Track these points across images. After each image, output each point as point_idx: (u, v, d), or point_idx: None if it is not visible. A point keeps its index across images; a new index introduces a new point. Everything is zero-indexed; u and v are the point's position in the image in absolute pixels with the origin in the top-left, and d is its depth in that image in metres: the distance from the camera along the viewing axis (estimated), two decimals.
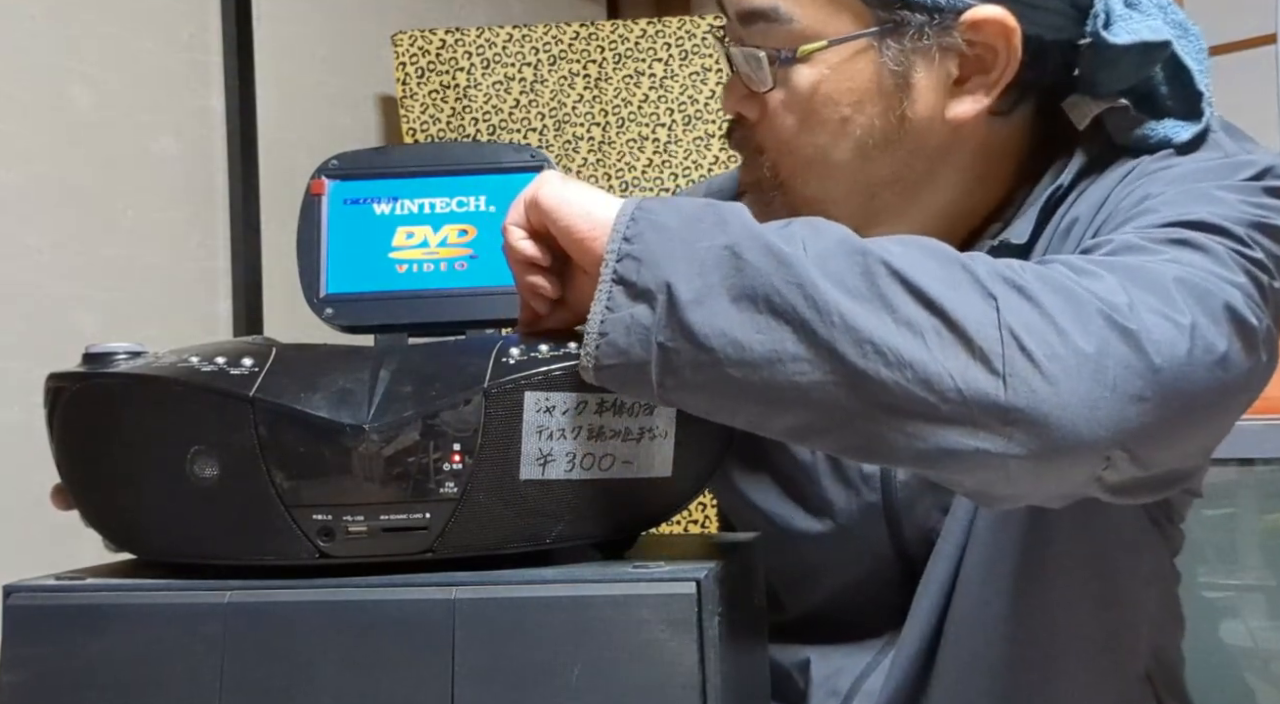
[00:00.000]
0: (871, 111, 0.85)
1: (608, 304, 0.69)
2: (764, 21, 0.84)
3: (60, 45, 1.87)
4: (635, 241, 0.69)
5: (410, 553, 0.73)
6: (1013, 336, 0.66)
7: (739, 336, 0.67)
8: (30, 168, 1.82)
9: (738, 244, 0.68)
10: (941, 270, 0.69)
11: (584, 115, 2.31)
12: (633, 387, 0.70)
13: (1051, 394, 0.66)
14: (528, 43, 2.32)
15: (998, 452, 0.67)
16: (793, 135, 0.87)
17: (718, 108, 2.28)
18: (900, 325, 0.66)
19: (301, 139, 2.23)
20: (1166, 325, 0.68)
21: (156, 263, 1.99)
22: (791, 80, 0.85)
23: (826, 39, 0.84)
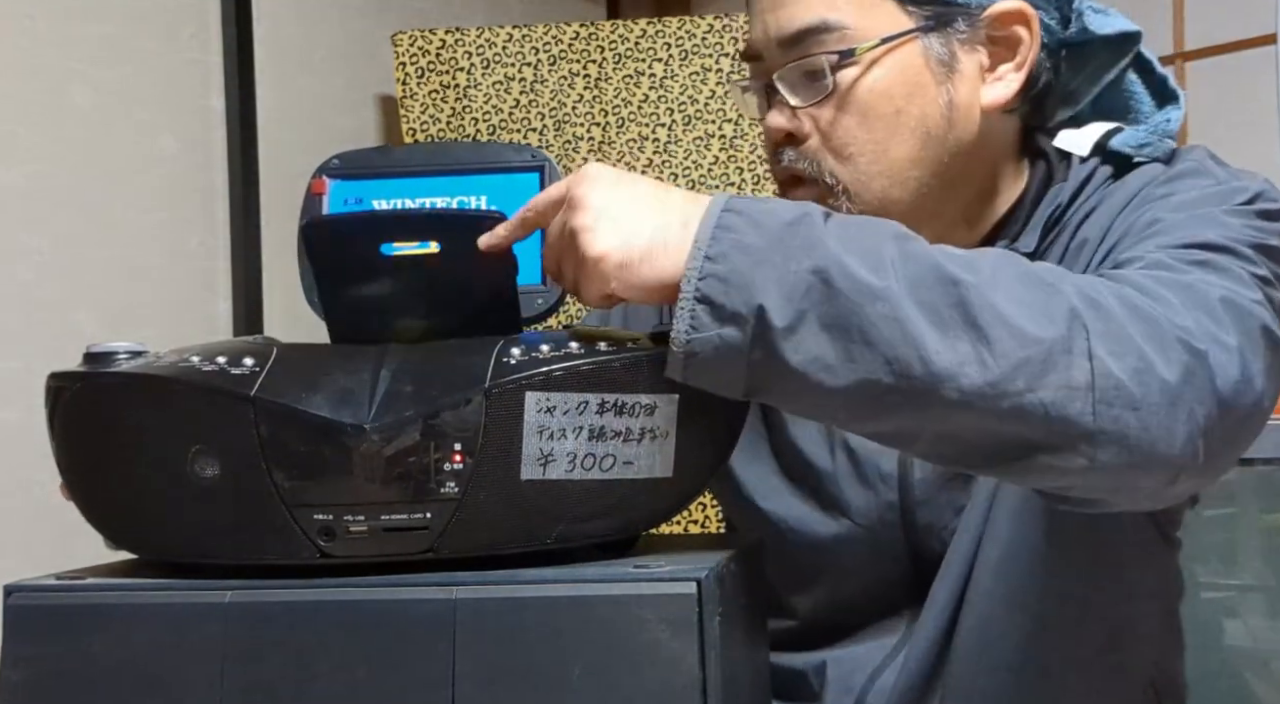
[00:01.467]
0: (922, 102, 0.91)
1: (692, 323, 0.70)
2: (814, 36, 0.89)
3: (60, 45, 1.87)
4: (720, 261, 0.70)
5: (411, 553, 0.73)
6: (1103, 366, 0.69)
7: (831, 362, 0.70)
8: (30, 168, 1.82)
9: (827, 270, 0.69)
10: (1031, 294, 0.71)
11: (584, 115, 2.31)
12: (720, 390, 0.73)
13: (1135, 420, 0.70)
14: (528, 43, 2.32)
15: (1079, 468, 0.71)
16: (853, 136, 0.90)
17: (718, 108, 2.28)
18: (995, 359, 0.69)
19: (301, 139, 2.23)
20: (1220, 350, 0.72)
21: (156, 263, 1.99)
22: (849, 82, 0.90)
23: (879, 39, 0.89)
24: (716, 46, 2.30)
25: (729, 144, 2.28)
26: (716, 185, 2.27)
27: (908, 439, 0.74)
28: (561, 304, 0.87)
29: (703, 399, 0.76)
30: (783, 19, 0.91)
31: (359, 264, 0.78)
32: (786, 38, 0.91)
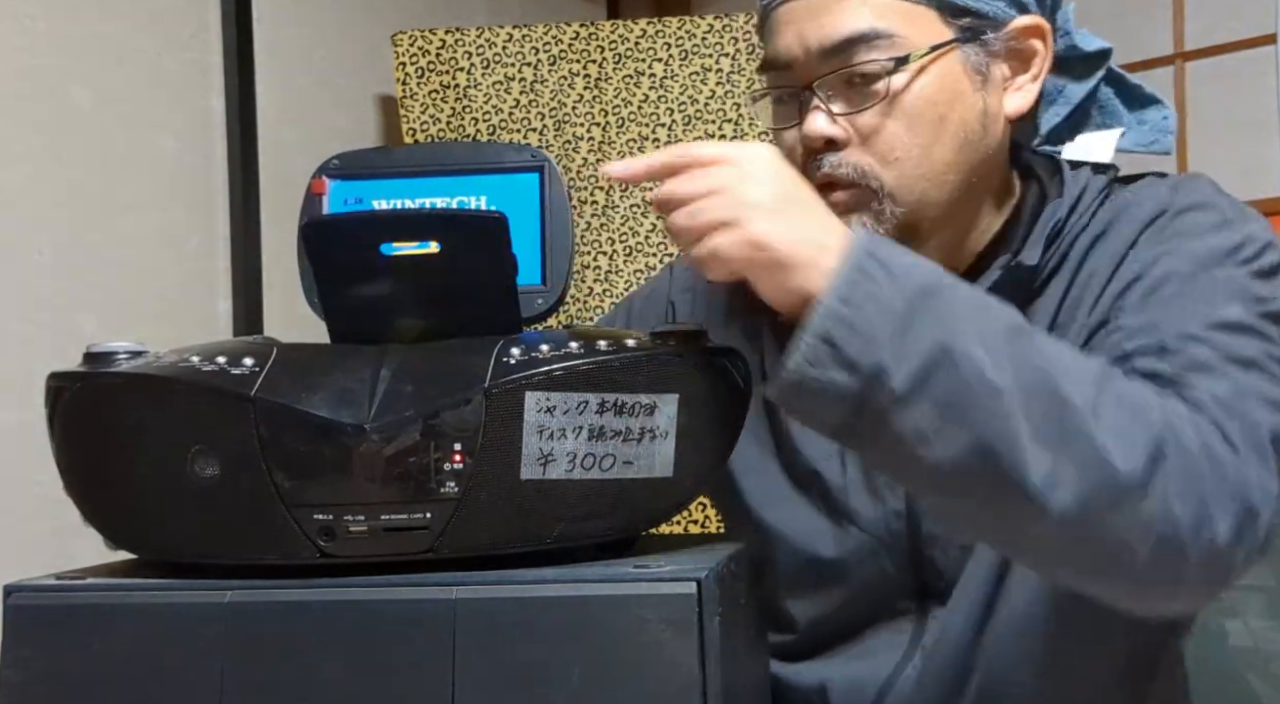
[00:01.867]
0: (962, 108, 0.94)
1: (808, 357, 0.74)
2: (863, 43, 0.91)
3: (60, 45, 1.87)
4: (852, 307, 0.74)
5: (411, 553, 0.73)
6: (1168, 510, 0.75)
7: (930, 437, 0.74)
8: (30, 168, 1.82)
9: (953, 351, 0.74)
10: (1125, 421, 0.75)
11: (584, 115, 2.31)
12: (807, 422, 0.78)
13: (1184, 567, 0.76)
14: (528, 43, 2.32)
15: (1121, 591, 0.79)
16: (900, 141, 0.93)
17: (718, 108, 2.28)
18: (1079, 484, 0.74)
19: (301, 139, 2.23)
20: (1271, 502, 0.78)
21: (156, 263, 1.99)
22: (898, 89, 0.92)
23: (928, 47, 0.92)
24: (716, 46, 2.30)
25: None
26: None
27: (972, 524, 0.81)
28: (561, 304, 0.87)
29: (702, 399, 0.76)
30: (827, 27, 0.92)
31: (359, 264, 0.78)
32: (832, 45, 0.92)
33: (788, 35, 0.94)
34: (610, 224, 2.29)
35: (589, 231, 2.28)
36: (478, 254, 0.78)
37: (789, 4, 0.94)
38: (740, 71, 2.29)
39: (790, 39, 0.94)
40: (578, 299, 2.28)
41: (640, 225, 2.28)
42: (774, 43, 0.95)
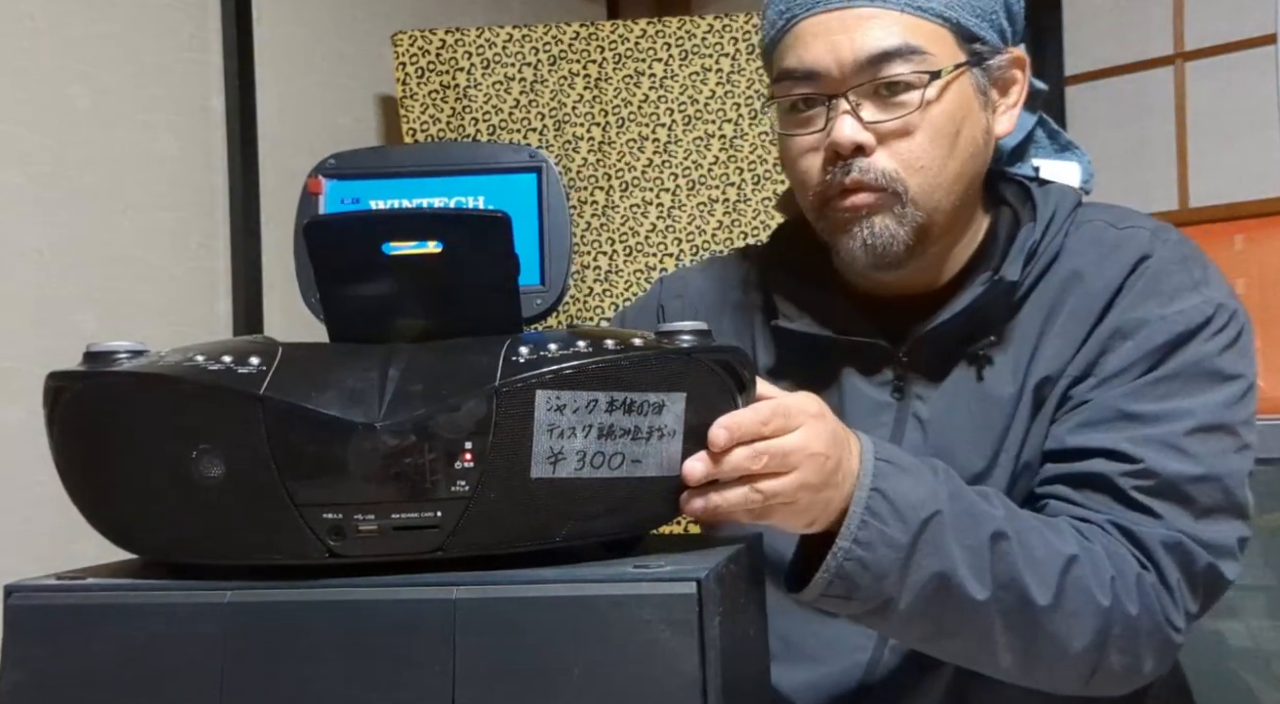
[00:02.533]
0: (971, 125, 1.01)
1: (826, 590, 0.87)
2: (898, 58, 0.97)
3: (60, 45, 1.87)
4: (865, 548, 0.86)
5: (421, 552, 0.73)
6: (1108, 665, 0.93)
7: (926, 638, 0.92)
8: (30, 168, 1.82)
9: (947, 580, 0.88)
10: (1080, 604, 0.91)
11: (584, 115, 2.31)
12: (827, 610, 0.92)
13: (1113, 687, 0.96)
14: (528, 43, 2.32)
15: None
16: (925, 150, 0.99)
17: (718, 107, 2.28)
18: (1038, 666, 0.93)
19: (301, 139, 2.23)
20: (1188, 619, 0.96)
21: (156, 263, 1.99)
22: (929, 100, 0.99)
23: (952, 65, 0.99)
24: (716, 46, 2.30)
25: (729, 144, 2.28)
26: (716, 185, 2.27)
27: None
28: (560, 304, 0.87)
29: (709, 398, 0.76)
30: (862, 40, 0.98)
31: (360, 263, 0.78)
32: (867, 58, 0.97)
33: (817, 47, 0.99)
34: (610, 224, 2.28)
35: (589, 231, 2.28)
36: (480, 254, 0.78)
37: (819, 16, 0.99)
38: (740, 71, 2.29)
39: (820, 50, 0.99)
40: (578, 299, 2.28)
41: (640, 225, 2.28)
42: (799, 53, 1.00)
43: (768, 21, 1.05)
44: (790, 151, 1.03)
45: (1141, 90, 2.49)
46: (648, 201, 2.28)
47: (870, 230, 0.99)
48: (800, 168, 1.02)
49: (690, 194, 2.28)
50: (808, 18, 1.00)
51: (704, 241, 2.27)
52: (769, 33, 1.04)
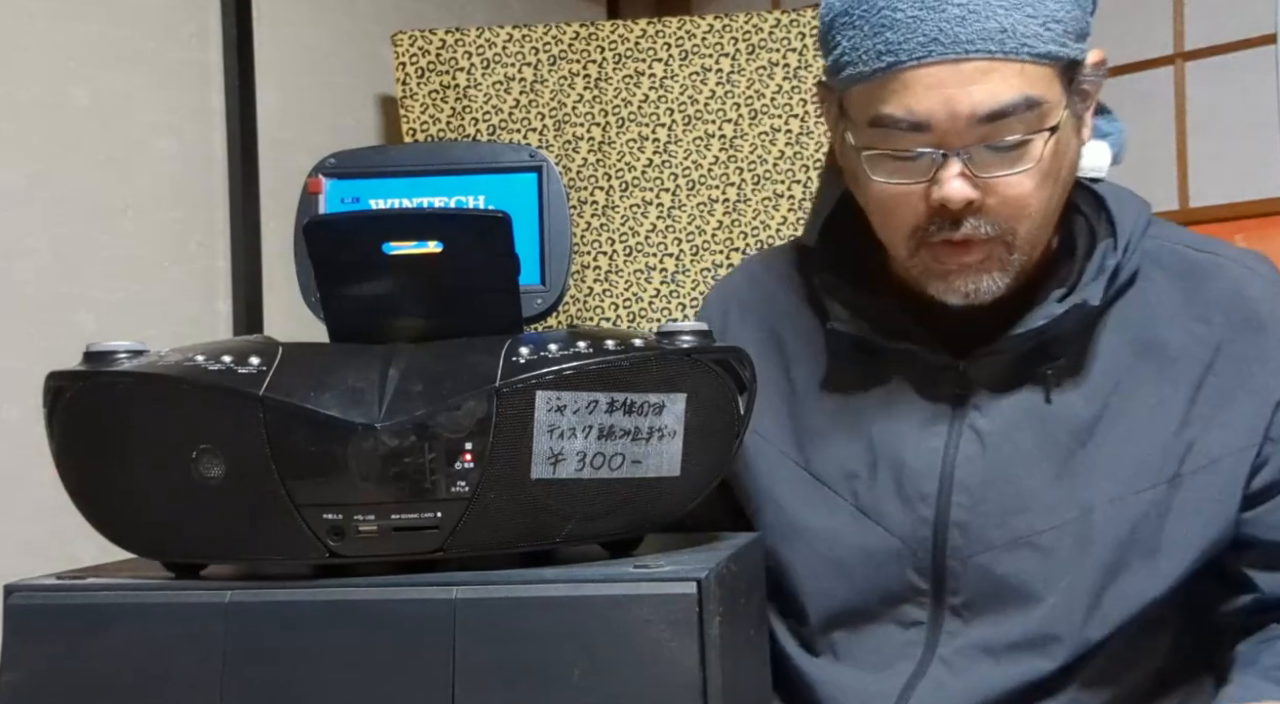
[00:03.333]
0: (1071, 154, 0.97)
1: None
2: (1018, 113, 0.91)
3: (60, 45, 1.87)
4: None
5: (421, 552, 0.73)
6: None
7: None
8: (30, 168, 1.82)
9: None
10: None
11: (584, 115, 2.31)
12: None
13: None
14: (528, 43, 2.32)
15: None
16: (1035, 196, 0.95)
17: (718, 107, 2.28)
18: None
19: (301, 139, 2.23)
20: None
21: (156, 263, 1.99)
22: (1043, 149, 0.93)
23: (1062, 109, 0.93)
24: (716, 46, 2.30)
25: (729, 144, 2.28)
26: (716, 185, 2.27)
27: None
28: (560, 304, 0.87)
29: (709, 398, 0.76)
30: (981, 95, 0.91)
31: (361, 263, 0.78)
32: (986, 114, 0.91)
33: (929, 99, 0.91)
34: (610, 224, 2.28)
35: (589, 232, 2.28)
36: (480, 253, 0.78)
37: (933, 68, 0.91)
38: (740, 71, 2.29)
39: (933, 103, 0.91)
40: (578, 299, 2.28)
41: (640, 225, 2.28)
42: (907, 103, 0.92)
43: (852, 47, 0.95)
44: (881, 194, 0.97)
45: (1141, 90, 2.49)
46: (648, 201, 2.28)
47: (975, 284, 0.96)
48: (894, 213, 0.97)
49: (690, 194, 2.28)
50: (917, 68, 0.92)
51: (704, 241, 2.27)
52: (855, 64, 0.95)
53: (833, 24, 0.96)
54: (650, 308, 2.27)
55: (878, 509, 1.01)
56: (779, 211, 2.26)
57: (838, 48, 0.96)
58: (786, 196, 2.25)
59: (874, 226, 1.01)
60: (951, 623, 1.00)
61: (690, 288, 2.26)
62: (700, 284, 2.26)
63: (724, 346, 0.78)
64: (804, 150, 2.25)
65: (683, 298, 2.26)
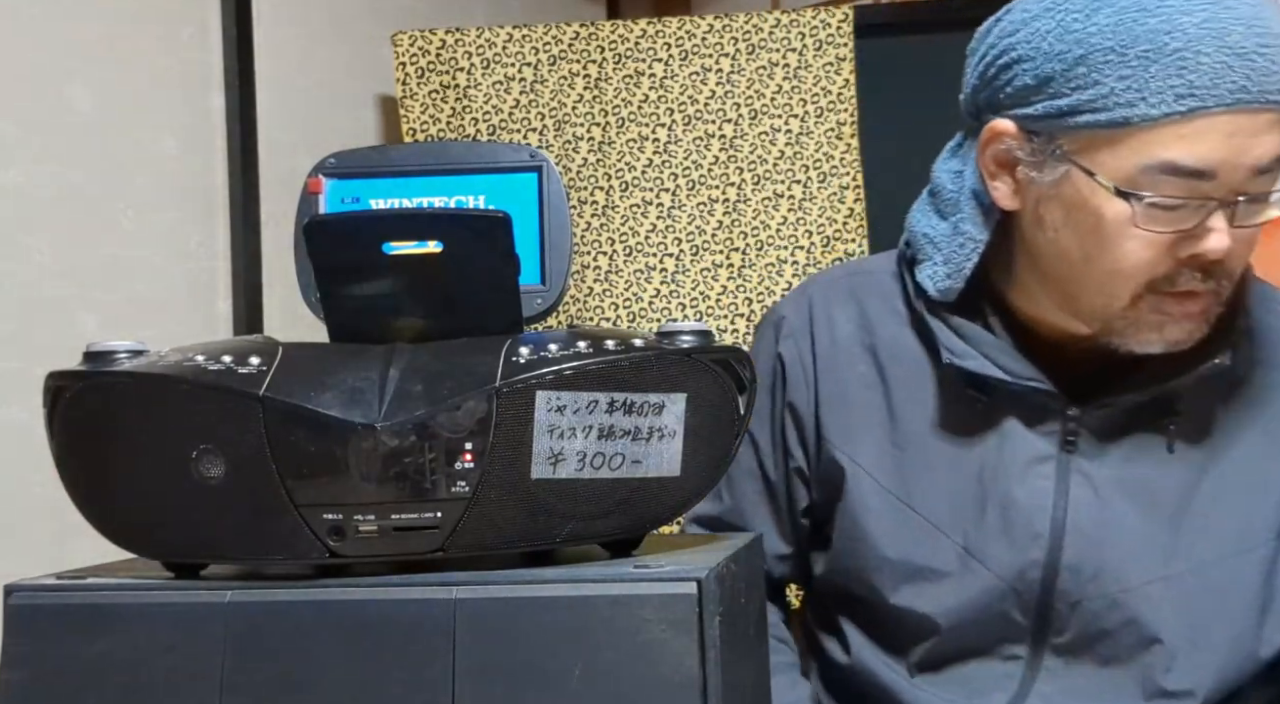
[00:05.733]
0: None
1: None
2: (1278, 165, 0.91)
3: (60, 45, 1.87)
4: None
5: (421, 552, 0.73)
6: None
7: None
8: (30, 168, 1.82)
9: None
10: None
11: (584, 115, 2.31)
12: None
13: None
14: (528, 43, 2.32)
15: None
16: (1248, 251, 0.95)
17: (718, 107, 2.28)
18: None
19: (301, 139, 2.23)
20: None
21: (156, 263, 1.99)
22: None
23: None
24: (716, 46, 2.30)
25: (729, 144, 2.28)
26: (716, 185, 2.27)
27: None
28: (559, 304, 0.87)
29: (709, 398, 0.76)
30: (1269, 147, 0.90)
31: (361, 263, 0.78)
32: (1267, 164, 0.90)
33: (1225, 148, 0.89)
34: (610, 224, 2.28)
35: (589, 232, 2.28)
36: (480, 253, 0.78)
37: (1234, 115, 0.88)
38: (740, 71, 2.29)
39: (1228, 152, 0.89)
40: (578, 299, 2.28)
41: (640, 225, 2.28)
42: (1200, 151, 0.89)
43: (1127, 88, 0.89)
44: (1129, 241, 0.92)
45: None
46: (648, 201, 2.28)
47: (1190, 332, 0.95)
48: (1137, 257, 0.93)
49: (690, 194, 2.28)
50: (1221, 113, 0.88)
51: (704, 241, 2.27)
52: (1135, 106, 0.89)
53: (1086, 59, 0.90)
54: (650, 308, 2.26)
55: (984, 551, 1.01)
56: (779, 211, 2.26)
57: (1096, 86, 0.90)
58: (786, 196, 2.25)
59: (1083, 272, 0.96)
60: (1052, 661, 1.00)
61: (690, 288, 2.26)
62: (700, 284, 2.26)
63: (724, 347, 0.78)
64: (804, 150, 2.25)
65: (683, 298, 2.26)
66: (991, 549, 1.01)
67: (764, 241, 2.25)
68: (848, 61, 2.18)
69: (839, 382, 1.08)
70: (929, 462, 1.04)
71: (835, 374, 1.07)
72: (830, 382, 1.08)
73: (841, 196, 2.20)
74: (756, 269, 2.25)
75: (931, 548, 1.02)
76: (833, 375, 1.08)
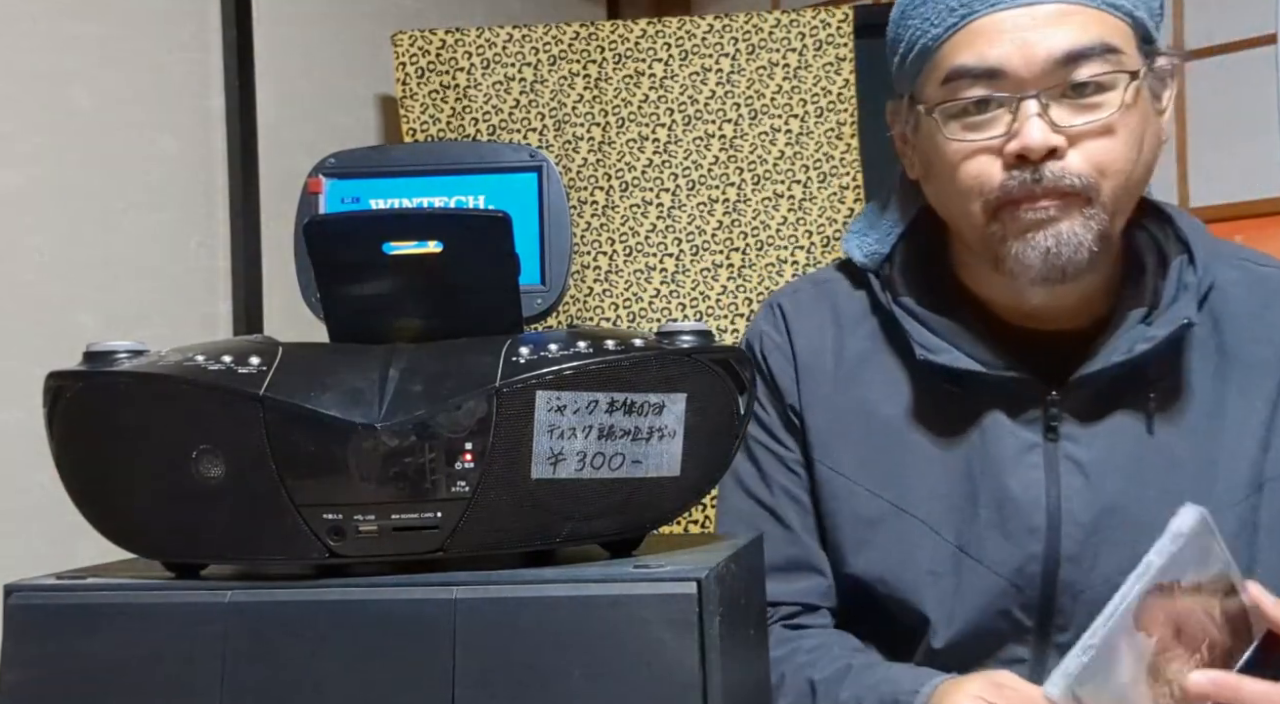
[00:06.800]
0: (1151, 132, 0.97)
1: None
2: (1096, 56, 0.92)
3: (60, 45, 1.87)
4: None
5: (421, 552, 0.73)
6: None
7: None
8: (30, 168, 1.82)
9: None
10: None
11: (584, 115, 2.31)
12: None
13: None
14: (528, 43, 2.32)
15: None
16: (1117, 155, 0.94)
17: (718, 107, 2.28)
18: None
19: (301, 139, 2.23)
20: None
21: (156, 263, 1.99)
22: (1127, 102, 0.94)
23: (1144, 66, 0.94)
24: (716, 46, 2.30)
25: (729, 144, 2.28)
26: (716, 185, 2.27)
27: None
28: (559, 304, 0.87)
29: (709, 398, 0.76)
30: (1059, 38, 0.92)
31: (361, 263, 0.78)
32: (1064, 56, 0.92)
33: (1003, 44, 0.93)
34: (610, 224, 2.28)
35: (589, 231, 2.28)
36: (480, 253, 0.78)
37: (1005, 13, 0.93)
38: (740, 71, 2.29)
39: (1007, 48, 0.92)
40: (578, 299, 2.28)
41: (640, 225, 2.28)
42: (980, 50, 0.93)
43: (922, 19, 0.97)
44: (954, 157, 0.96)
45: None
46: (648, 201, 2.28)
47: (1056, 236, 0.93)
48: (969, 174, 0.96)
49: (690, 194, 2.28)
50: (990, 13, 0.93)
51: (704, 241, 2.27)
52: (927, 30, 0.97)
53: (903, 17, 0.98)
54: (650, 308, 2.26)
55: (980, 548, 1.00)
56: (779, 211, 2.26)
57: (909, 32, 0.98)
58: (786, 196, 2.25)
59: (949, 202, 0.99)
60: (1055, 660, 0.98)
61: (690, 288, 2.26)
62: (700, 284, 2.26)
63: (724, 346, 0.78)
64: (804, 150, 2.25)
65: (683, 298, 2.26)
66: (988, 546, 1.00)
67: (764, 241, 2.25)
68: (848, 61, 2.18)
69: (819, 392, 1.07)
70: (915, 463, 1.03)
71: (815, 384, 1.07)
72: (811, 392, 1.08)
73: (841, 196, 2.20)
74: (756, 269, 2.26)
75: (928, 550, 1.02)
76: (813, 386, 1.07)
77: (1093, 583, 0.98)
